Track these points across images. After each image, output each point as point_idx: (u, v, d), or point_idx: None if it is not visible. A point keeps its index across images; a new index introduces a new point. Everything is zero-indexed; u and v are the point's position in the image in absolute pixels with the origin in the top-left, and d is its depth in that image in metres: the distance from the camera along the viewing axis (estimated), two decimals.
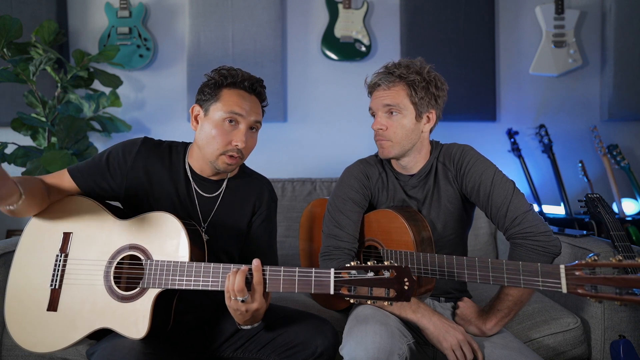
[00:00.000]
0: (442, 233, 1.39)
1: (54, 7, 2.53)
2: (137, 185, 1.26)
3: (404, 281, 0.98)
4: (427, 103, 1.33)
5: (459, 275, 1.19)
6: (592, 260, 0.97)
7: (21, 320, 1.16)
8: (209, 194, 1.30)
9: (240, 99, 1.22)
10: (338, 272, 1.02)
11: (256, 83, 1.26)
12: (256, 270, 1.03)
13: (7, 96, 2.52)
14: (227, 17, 2.59)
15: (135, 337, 1.09)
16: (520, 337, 1.44)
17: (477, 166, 1.32)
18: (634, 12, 2.59)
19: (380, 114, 1.34)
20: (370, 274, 1.00)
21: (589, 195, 1.57)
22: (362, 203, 1.41)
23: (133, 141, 1.30)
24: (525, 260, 1.16)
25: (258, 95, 1.28)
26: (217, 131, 1.20)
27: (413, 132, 1.34)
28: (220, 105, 1.21)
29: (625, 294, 0.92)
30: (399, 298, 0.98)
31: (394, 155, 1.35)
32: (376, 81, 1.35)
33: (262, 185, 1.39)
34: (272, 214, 1.40)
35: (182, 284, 1.10)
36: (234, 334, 1.25)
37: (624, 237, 1.43)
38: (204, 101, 1.24)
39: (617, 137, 2.73)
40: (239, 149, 1.21)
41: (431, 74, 1.33)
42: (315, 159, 2.71)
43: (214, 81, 1.23)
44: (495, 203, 1.26)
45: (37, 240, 1.22)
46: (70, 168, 1.26)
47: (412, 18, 2.64)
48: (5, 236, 2.58)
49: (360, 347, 1.09)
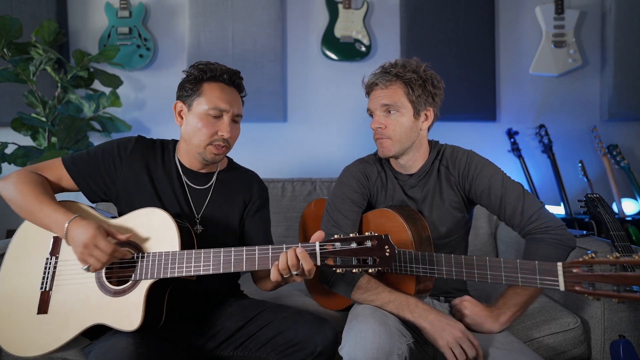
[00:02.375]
0: (443, 235, 1.39)
1: (54, 7, 2.53)
2: (131, 181, 1.28)
3: (385, 248, 1.06)
4: (424, 101, 1.34)
5: (457, 274, 1.19)
6: (590, 257, 0.97)
7: (10, 326, 1.16)
8: (200, 187, 1.34)
9: (222, 93, 1.26)
10: (323, 245, 1.08)
11: (234, 75, 1.30)
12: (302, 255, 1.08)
13: (7, 96, 2.52)
14: (227, 17, 2.59)
15: (128, 329, 1.09)
16: (520, 337, 1.43)
17: (485, 171, 1.35)
18: (634, 12, 2.59)
19: (379, 113, 1.36)
20: (354, 244, 1.07)
21: (588, 195, 1.57)
22: (360, 203, 1.41)
23: (127, 138, 1.33)
24: (546, 254, 1.22)
25: (237, 87, 1.32)
26: (202, 123, 1.25)
27: (411, 130, 1.35)
28: (203, 100, 1.25)
29: (623, 291, 0.92)
30: (381, 264, 1.06)
31: (394, 153, 1.36)
32: (373, 81, 1.37)
33: (250, 177, 1.43)
34: (265, 203, 1.44)
35: (175, 272, 1.12)
36: (234, 333, 1.25)
37: (624, 237, 1.43)
38: (186, 97, 1.28)
39: (617, 137, 2.73)
40: (224, 138, 1.26)
41: (427, 72, 1.35)
42: (315, 159, 2.71)
43: (193, 76, 1.27)
44: (510, 204, 1.30)
45: (26, 246, 1.22)
46: (66, 162, 1.27)
47: (412, 18, 2.64)
48: (5, 236, 2.58)
49: (359, 347, 1.09)
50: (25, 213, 1.19)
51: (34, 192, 1.17)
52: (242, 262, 1.13)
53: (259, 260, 1.12)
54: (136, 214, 1.20)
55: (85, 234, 1.09)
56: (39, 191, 1.18)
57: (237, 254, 1.13)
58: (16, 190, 1.18)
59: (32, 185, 1.18)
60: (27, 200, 1.16)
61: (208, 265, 1.12)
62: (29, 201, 1.16)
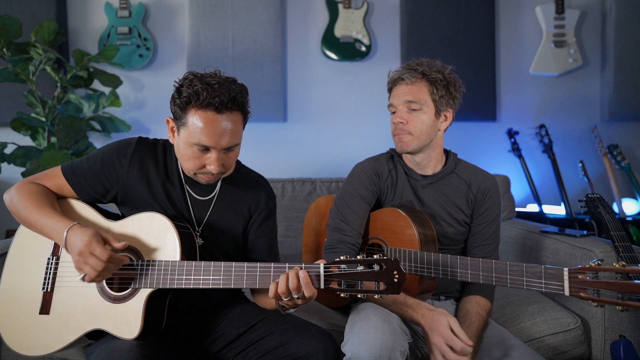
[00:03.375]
0: (448, 243, 1.41)
1: (53, 7, 2.53)
2: (132, 186, 1.24)
3: (394, 274, 0.99)
4: (446, 102, 1.37)
5: (462, 275, 1.19)
6: (596, 264, 0.98)
7: (13, 325, 1.16)
8: (202, 197, 1.29)
9: (208, 127, 1.10)
10: (327, 267, 1.03)
11: (230, 102, 1.11)
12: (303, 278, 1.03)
13: (7, 96, 2.52)
14: (227, 17, 2.59)
15: (128, 337, 1.09)
16: (520, 337, 1.43)
17: (496, 207, 1.42)
18: (634, 12, 2.58)
19: (401, 108, 1.37)
20: (360, 267, 1.01)
21: (589, 195, 1.57)
22: (370, 200, 1.42)
23: (128, 142, 1.27)
24: (488, 289, 1.34)
25: (231, 111, 1.13)
26: (189, 154, 1.15)
27: (431, 128, 1.37)
28: (187, 133, 1.12)
29: (627, 299, 0.92)
30: (388, 291, 0.99)
31: (412, 149, 1.37)
32: (399, 76, 1.38)
33: (258, 186, 1.36)
34: (271, 213, 1.38)
35: (174, 283, 1.10)
36: (235, 340, 1.24)
37: (624, 237, 1.43)
38: (175, 117, 1.17)
39: (617, 137, 2.73)
40: (214, 173, 1.17)
41: (451, 75, 1.38)
42: (315, 159, 2.71)
43: (181, 100, 1.11)
44: (486, 243, 1.40)
45: (28, 245, 1.22)
46: (65, 172, 1.24)
47: (412, 18, 2.63)
48: (5, 236, 2.57)
49: (362, 343, 1.10)
50: (29, 225, 1.18)
51: (33, 203, 1.16)
52: (242, 278, 1.10)
53: (260, 278, 1.09)
54: (137, 217, 1.18)
55: (82, 241, 1.05)
56: (39, 202, 1.16)
57: (237, 269, 1.10)
58: (19, 204, 1.17)
59: (33, 197, 1.17)
60: (28, 212, 1.16)
61: (208, 280, 1.10)
62: (31, 213, 1.15)
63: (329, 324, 1.45)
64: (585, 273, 0.99)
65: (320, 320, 1.46)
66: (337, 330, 1.40)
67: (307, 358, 1.13)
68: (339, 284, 1.02)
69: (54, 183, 1.24)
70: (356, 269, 1.01)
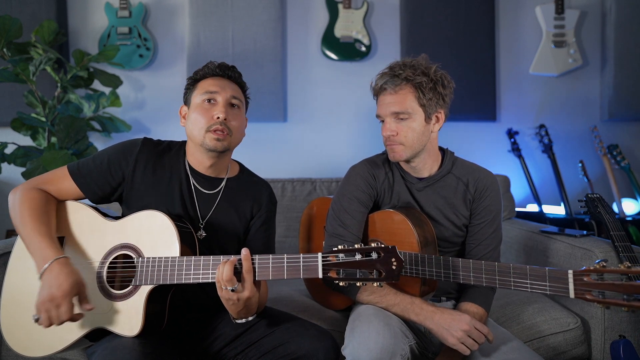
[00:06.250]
0: (445, 246, 1.40)
1: (53, 7, 2.53)
2: (138, 185, 1.26)
3: (392, 261, 1.01)
4: (435, 103, 1.31)
5: (464, 278, 1.18)
6: (601, 266, 0.97)
7: (15, 325, 1.16)
8: (208, 191, 1.31)
9: (213, 80, 1.30)
10: (325, 256, 1.04)
11: (227, 69, 1.32)
12: (245, 259, 1.06)
13: (7, 96, 2.51)
14: (227, 17, 2.59)
15: (129, 334, 1.09)
16: (520, 337, 1.44)
17: (496, 206, 1.38)
18: (634, 12, 2.59)
19: (389, 119, 1.31)
20: (358, 256, 1.02)
21: (589, 195, 1.57)
22: (367, 203, 1.40)
23: (133, 142, 1.31)
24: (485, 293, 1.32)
25: (230, 78, 1.33)
26: (198, 112, 1.26)
27: (423, 134, 1.31)
28: (197, 92, 1.29)
29: (633, 300, 0.92)
30: (387, 278, 1.01)
31: (406, 158, 1.33)
32: (382, 85, 1.31)
33: (260, 188, 1.38)
34: (271, 217, 1.39)
35: (174, 279, 1.11)
36: (235, 339, 1.25)
37: (624, 237, 1.43)
38: (187, 98, 1.33)
39: (617, 137, 2.73)
40: (221, 121, 1.23)
41: (438, 74, 1.31)
42: (315, 159, 2.71)
43: (191, 80, 1.33)
44: (485, 244, 1.36)
45: None
46: (72, 172, 1.25)
47: (412, 18, 2.64)
48: (5, 236, 2.57)
49: (363, 346, 1.09)
50: (20, 235, 1.18)
51: (32, 215, 1.15)
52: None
53: (258, 270, 1.09)
54: (137, 216, 1.19)
55: (59, 288, 1.04)
56: (38, 217, 1.15)
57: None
58: (19, 211, 1.17)
59: (34, 211, 1.16)
60: (24, 224, 1.15)
61: (207, 274, 1.10)
62: (26, 227, 1.14)
63: (329, 324, 1.45)
64: (590, 275, 0.98)
65: (320, 320, 1.46)
66: (337, 330, 1.40)
67: (307, 357, 1.14)
68: (337, 273, 1.03)
69: (60, 186, 1.25)
70: (354, 257, 1.02)
